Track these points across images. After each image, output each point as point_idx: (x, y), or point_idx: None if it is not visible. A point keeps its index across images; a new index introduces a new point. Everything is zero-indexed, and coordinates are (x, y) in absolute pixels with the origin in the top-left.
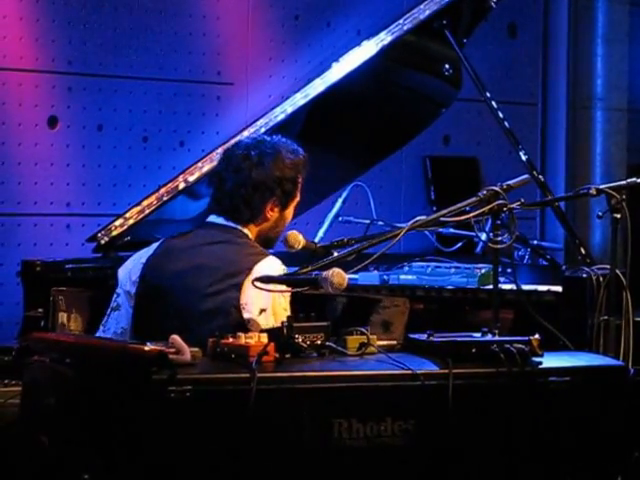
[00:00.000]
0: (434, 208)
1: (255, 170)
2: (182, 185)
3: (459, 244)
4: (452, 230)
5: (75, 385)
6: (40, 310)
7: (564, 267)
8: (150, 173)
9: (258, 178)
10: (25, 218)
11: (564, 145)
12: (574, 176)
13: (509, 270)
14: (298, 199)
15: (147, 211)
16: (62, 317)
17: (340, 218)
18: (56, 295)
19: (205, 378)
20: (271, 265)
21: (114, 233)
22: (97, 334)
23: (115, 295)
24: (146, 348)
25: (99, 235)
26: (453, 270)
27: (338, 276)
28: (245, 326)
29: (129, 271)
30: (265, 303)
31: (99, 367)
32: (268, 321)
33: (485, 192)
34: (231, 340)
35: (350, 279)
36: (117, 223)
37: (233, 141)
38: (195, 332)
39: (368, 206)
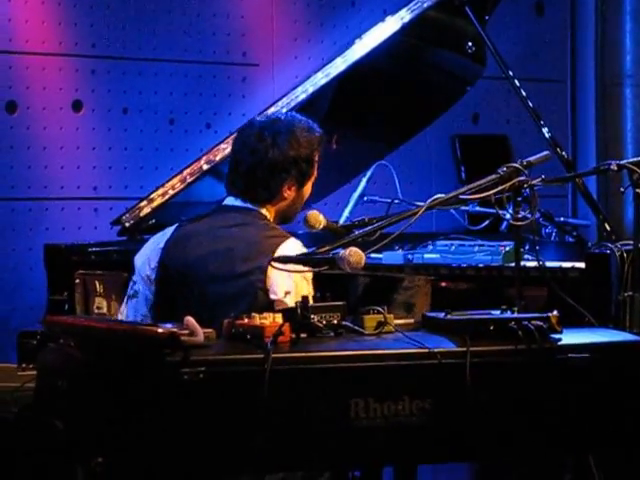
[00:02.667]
0: None
1: (271, 151)
2: (206, 166)
3: (486, 222)
4: (478, 208)
5: (88, 368)
6: (65, 294)
7: (589, 243)
8: (177, 155)
9: (274, 159)
10: (52, 202)
11: (594, 122)
12: (605, 153)
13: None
14: (315, 176)
15: (171, 193)
16: (100, 302)
17: (365, 198)
18: (90, 279)
19: (219, 359)
20: (293, 247)
21: (139, 216)
22: None
23: (132, 283)
24: (159, 330)
25: (124, 218)
26: (477, 248)
27: (355, 255)
28: (271, 308)
29: (147, 257)
30: (289, 286)
31: (112, 349)
32: (293, 303)
33: (505, 169)
34: (246, 321)
35: (374, 258)
36: (142, 205)
37: (247, 121)
38: (221, 317)
39: (395, 186)
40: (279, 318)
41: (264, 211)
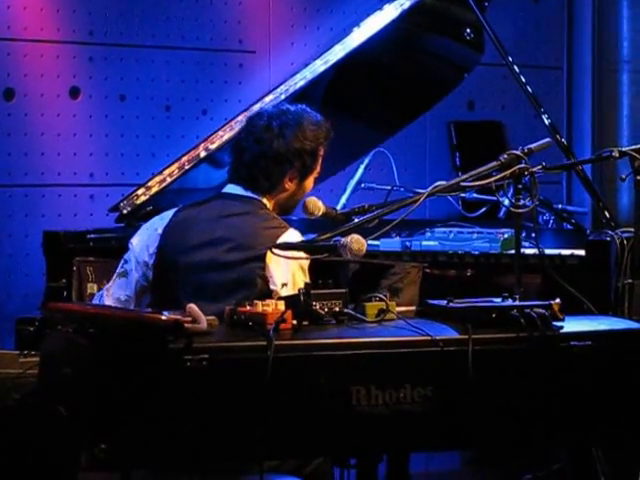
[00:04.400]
0: (460, 174)
1: (276, 142)
2: (203, 153)
3: (483, 209)
4: (475, 195)
5: (91, 355)
6: (63, 281)
7: (588, 231)
8: (173, 142)
9: (278, 150)
10: (49, 189)
11: (590, 109)
12: (601, 140)
13: (532, 234)
14: (318, 170)
15: (169, 180)
16: (92, 288)
17: (362, 185)
18: (83, 266)
19: (222, 346)
20: (292, 238)
21: (136, 202)
22: (98, 297)
23: (123, 261)
24: (162, 317)
25: (121, 205)
26: (475, 235)
27: (357, 242)
28: (271, 297)
29: (145, 243)
30: (286, 278)
31: (115, 337)
32: None
33: (506, 156)
34: (248, 308)
35: (371, 245)
36: (139, 192)
37: (256, 109)
38: (219, 304)
39: (392, 173)
40: (281, 305)
41: (264, 200)
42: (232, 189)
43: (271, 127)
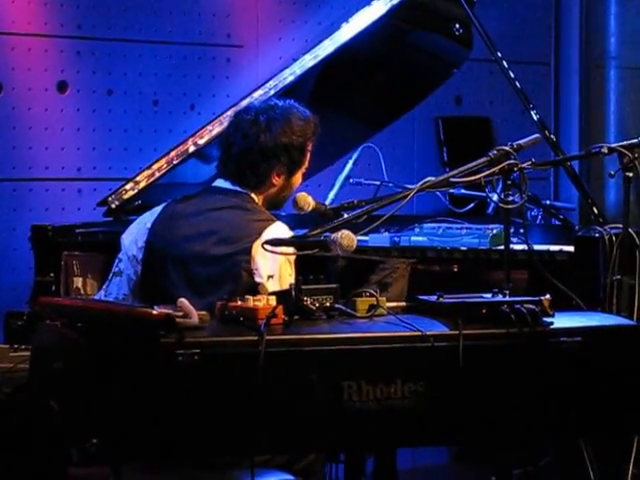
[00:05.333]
0: (447, 169)
1: (262, 136)
2: (192, 148)
3: (471, 205)
4: (464, 191)
5: (83, 349)
6: (51, 275)
7: (577, 227)
8: (161, 137)
9: (265, 145)
10: (36, 183)
11: (577, 104)
12: (588, 135)
13: (521, 230)
14: (306, 166)
15: (157, 175)
16: (77, 282)
17: (351, 180)
18: (69, 260)
19: (213, 341)
20: (279, 230)
21: (125, 197)
22: (97, 297)
23: (117, 260)
24: (154, 312)
25: (110, 199)
26: (464, 231)
27: (347, 238)
28: (256, 291)
29: (134, 236)
30: (272, 269)
31: (107, 331)
32: (275, 287)
33: (495, 152)
34: (239, 303)
35: (360, 241)
36: (127, 187)
37: (244, 104)
38: (206, 297)
39: (379, 168)
40: (272, 300)
41: (253, 195)
42: (221, 183)
43: (258, 122)
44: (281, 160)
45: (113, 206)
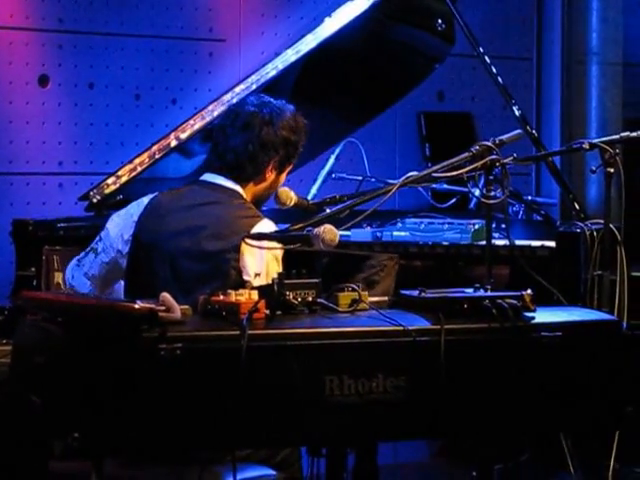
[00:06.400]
0: (429, 164)
1: (265, 128)
2: (174, 143)
3: (453, 200)
4: (446, 186)
5: (65, 344)
6: (32, 269)
7: (558, 222)
8: (142, 131)
9: (266, 136)
10: (17, 177)
11: (559, 100)
12: (569, 131)
13: (503, 226)
14: (292, 166)
15: (139, 169)
16: (58, 277)
17: (333, 175)
18: (50, 255)
19: (195, 335)
20: (267, 228)
21: (106, 191)
22: (71, 266)
23: (98, 238)
24: (136, 306)
25: (91, 193)
26: (446, 226)
27: (329, 233)
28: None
29: (121, 229)
30: (260, 267)
31: (89, 325)
32: None
33: (478, 147)
34: (222, 297)
35: (342, 236)
36: (109, 181)
37: (233, 100)
38: (193, 294)
39: (362, 163)
40: (254, 295)
41: (243, 191)
42: (210, 177)
43: (260, 113)
44: (279, 153)
45: (95, 200)
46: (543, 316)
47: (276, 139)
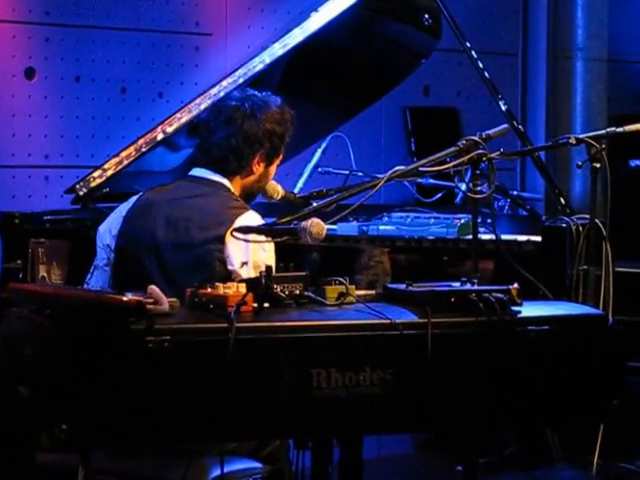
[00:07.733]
0: (414, 159)
1: (247, 121)
2: (160, 136)
3: (439, 195)
4: (432, 181)
5: (53, 336)
6: (19, 262)
7: (544, 217)
8: (128, 124)
9: (249, 130)
10: (3, 170)
11: (544, 95)
12: (554, 126)
13: (489, 220)
14: (281, 158)
15: (125, 162)
16: (42, 269)
17: (320, 169)
18: (35, 247)
19: (183, 328)
20: (252, 219)
21: (92, 184)
22: None
23: (97, 254)
24: (124, 298)
25: (77, 186)
26: (432, 220)
27: (317, 226)
28: (230, 278)
29: (109, 225)
30: (246, 256)
31: (77, 317)
32: (250, 274)
33: (464, 142)
34: (209, 290)
35: (329, 230)
36: (95, 174)
37: (218, 94)
38: (180, 285)
39: (348, 157)
40: (242, 288)
41: (230, 184)
42: (197, 172)
43: (242, 107)
44: (264, 146)
45: (81, 193)
46: (530, 310)
47: (259, 132)
